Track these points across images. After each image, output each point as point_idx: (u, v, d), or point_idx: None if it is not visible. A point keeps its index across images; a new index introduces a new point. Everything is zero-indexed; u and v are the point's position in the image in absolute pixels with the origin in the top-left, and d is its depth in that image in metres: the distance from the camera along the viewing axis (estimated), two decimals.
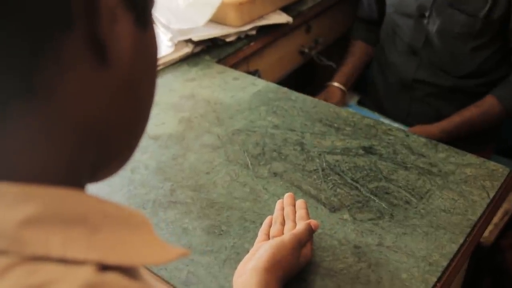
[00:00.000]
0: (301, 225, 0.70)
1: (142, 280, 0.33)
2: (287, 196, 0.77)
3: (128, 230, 0.30)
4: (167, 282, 0.71)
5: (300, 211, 0.75)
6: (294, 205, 0.76)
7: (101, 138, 0.31)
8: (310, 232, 0.70)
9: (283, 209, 0.76)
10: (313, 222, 0.71)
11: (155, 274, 0.72)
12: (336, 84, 1.50)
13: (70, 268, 0.27)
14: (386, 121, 1.38)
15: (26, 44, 0.26)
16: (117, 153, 0.34)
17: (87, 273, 0.27)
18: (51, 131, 0.29)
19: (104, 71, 0.29)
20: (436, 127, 1.27)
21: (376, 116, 1.42)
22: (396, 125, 1.34)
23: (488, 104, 1.25)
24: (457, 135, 1.27)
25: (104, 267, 0.28)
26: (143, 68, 0.33)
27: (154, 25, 0.33)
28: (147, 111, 0.35)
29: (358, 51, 1.54)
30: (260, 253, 0.65)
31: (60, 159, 0.30)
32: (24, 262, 0.26)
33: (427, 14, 1.22)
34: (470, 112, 1.26)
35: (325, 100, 1.39)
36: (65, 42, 0.27)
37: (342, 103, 1.47)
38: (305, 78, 1.81)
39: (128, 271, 0.30)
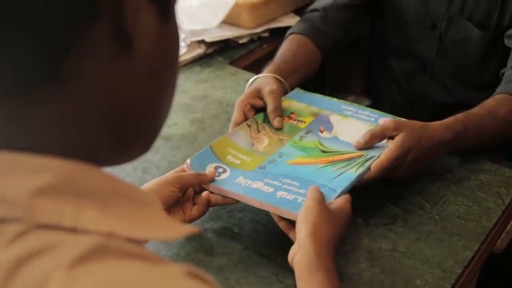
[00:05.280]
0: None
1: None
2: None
3: (139, 207, 0.32)
4: None
5: None
6: None
7: (122, 121, 0.33)
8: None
9: None
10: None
11: None
12: (267, 74, 1.02)
13: (79, 235, 0.28)
14: (336, 101, 1.00)
15: (57, 32, 0.28)
16: (135, 138, 0.36)
17: (94, 238, 0.28)
18: (74, 115, 0.31)
19: (129, 60, 0.32)
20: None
21: (321, 98, 1.01)
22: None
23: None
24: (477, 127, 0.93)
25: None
26: (166, 58, 0.35)
27: (176, 18, 0.36)
28: (168, 100, 0.37)
29: (303, 48, 1.17)
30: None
31: (80, 138, 0.32)
32: (36, 229, 0.28)
33: (439, 25, 1.21)
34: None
35: (256, 90, 0.95)
36: (93, 32, 0.29)
37: (280, 91, 0.97)
38: (316, 80, 1.81)
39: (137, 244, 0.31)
